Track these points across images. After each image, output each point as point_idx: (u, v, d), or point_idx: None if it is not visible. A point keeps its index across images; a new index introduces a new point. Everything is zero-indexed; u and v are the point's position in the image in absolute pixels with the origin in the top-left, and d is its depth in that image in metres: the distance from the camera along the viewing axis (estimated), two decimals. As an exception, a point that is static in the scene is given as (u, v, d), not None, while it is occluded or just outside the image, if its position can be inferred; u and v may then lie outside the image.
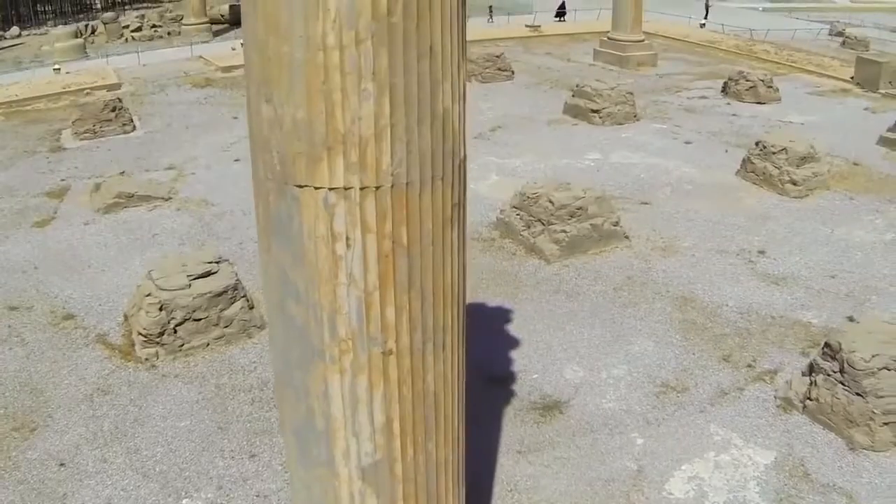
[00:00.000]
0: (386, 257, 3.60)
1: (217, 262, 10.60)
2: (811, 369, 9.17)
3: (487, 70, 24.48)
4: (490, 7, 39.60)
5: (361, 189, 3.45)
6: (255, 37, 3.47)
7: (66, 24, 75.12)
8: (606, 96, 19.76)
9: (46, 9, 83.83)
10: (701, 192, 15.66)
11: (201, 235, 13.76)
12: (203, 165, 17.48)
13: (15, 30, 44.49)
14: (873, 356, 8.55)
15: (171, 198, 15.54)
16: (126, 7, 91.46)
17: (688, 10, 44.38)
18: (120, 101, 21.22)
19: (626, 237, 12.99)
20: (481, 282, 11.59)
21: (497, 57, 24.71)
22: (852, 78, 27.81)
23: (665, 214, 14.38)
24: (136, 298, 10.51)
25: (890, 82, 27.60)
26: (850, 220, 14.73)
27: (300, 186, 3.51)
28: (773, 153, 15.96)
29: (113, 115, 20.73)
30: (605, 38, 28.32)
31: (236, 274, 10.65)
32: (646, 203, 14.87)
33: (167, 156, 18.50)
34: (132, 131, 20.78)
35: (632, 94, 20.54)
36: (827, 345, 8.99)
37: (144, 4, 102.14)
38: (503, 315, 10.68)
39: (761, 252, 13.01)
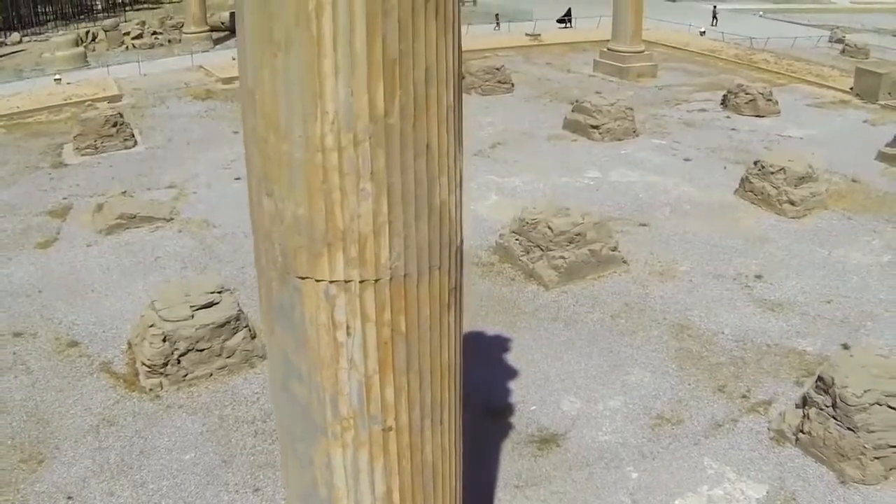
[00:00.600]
0: (385, 344, 3.78)
1: (219, 292, 10.79)
2: (804, 402, 9.35)
3: (487, 83, 24.67)
4: (497, 15, 39.88)
5: (361, 282, 3.62)
6: (255, 132, 3.65)
7: (66, 25, 75.44)
8: (606, 112, 19.94)
9: (47, 10, 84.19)
10: (699, 213, 15.84)
11: (203, 258, 13.95)
12: (204, 184, 17.67)
13: (15, 36, 44.70)
14: (865, 391, 8.73)
15: (172, 218, 15.74)
16: (127, 8, 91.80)
17: (688, 17, 44.54)
18: (121, 115, 21.41)
19: (625, 261, 13.17)
20: (481, 309, 11.77)
21: (497, 69, 24.90)
22: (851, 89, 27.97)
23: (663, 237, 14.55)
24: (140, 328, 10.70)
25: (889, 93, 27.76)
26: (847, 241, 14.90)
27: (302, 278, 3.69)
28: (772, 173, 16.13)
29: (114, 130, 20.94)
30: (605, 49, 28.50)
31: (238, 304, 10.83)
32: (644, 225, 15.04)
33: (168, 173, 18.70)
34: (133, 146, 20.99)
35: (631, 109, 20.71)
36: (820, 378, 9.17)
37: (145, 6, 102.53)
38: (502, 344, 10.86)
39: (758, 276, 13.18)
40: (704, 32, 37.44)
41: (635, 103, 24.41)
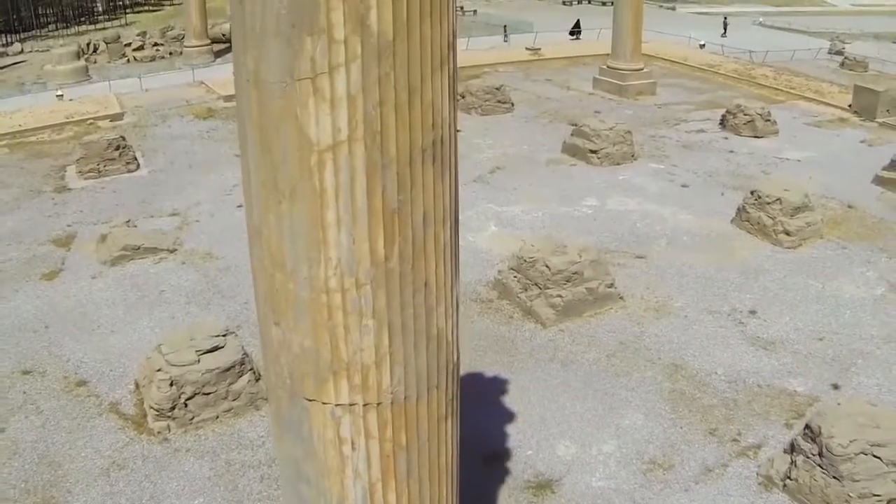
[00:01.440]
0: (387, 456, 4.15)
1: (224, 335, 11.17)
2: (792, 448, 9.71)
3: (487, 103, 25.03)
4: (505, 27, 40.18)
5: (364, 405, 4.00)
6: (263, 267, 4.02)
7: (67, 27, 75.92)
8: (604, 136, 20.30)
9: (48, 12, 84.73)
10: (696, 244, 16.21)
11: (207, 293, 14.33)
12: (206, 212, 18.05)
13: (17, 46, 45.08)
14: (851, 441, 9.09)
15: (175, 249, 16.11)
16: (127, 10, 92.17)
17: (689, 27, 44.87)
18: (123, 139, 21.76)
19: (621, 297, 13.54)
20: (479, 348, 12.15)
21: (497, 89, 25.25)
22: (850, 106, 28.34)
23: (659, 270, 14.92)
24: (147, 370, 11.07)
25: (887, 111, 28.10)
26: (841, 272, 15.25)
27: (309, 399, 4.06)
28: (768, 203, 16.48)
29: (117, 153, 21.32)
30: (605, 67, 28.86)
31: (242, 347, 11.20)
32: (641, 257, 15.41)
33: (171, 199, 19.08)
34: (136, 170, 21.37)
35: (629, 133, 21.06)
36: (808, 426, 9.54)
37: (145, 8, 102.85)
38: (499, 386, 11.24)
39: (752, 312, 13.55)
40: (704, 45, 37.78)
41: (634, 123, 24.81)
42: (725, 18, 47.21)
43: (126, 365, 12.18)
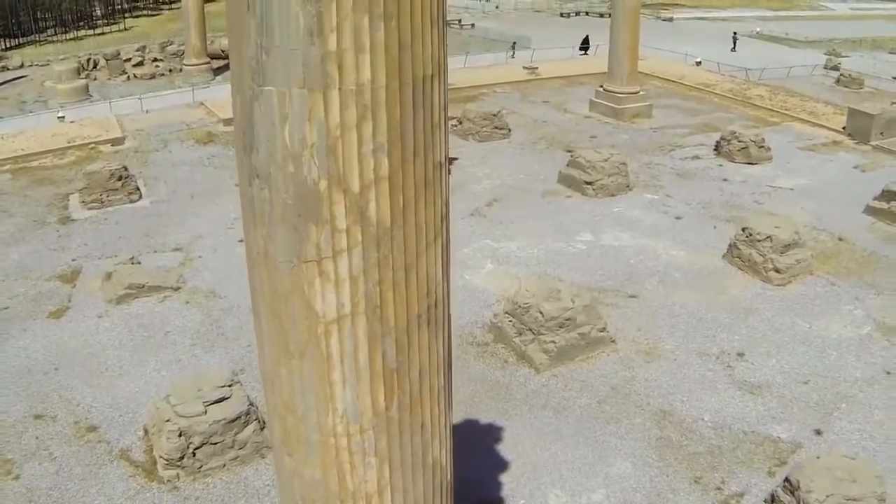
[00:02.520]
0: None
1: (230, 385, 11.73)
2: (773, 499, 10.29)
3: (484, 129, 25.58)
4: (514, 44, 40.68)
5: (369, 528, 4.57)
6: (276, 409, 4.57)
7: (66, 31, 76.30)
8: (600, 168, 20.86)
9: (46, 16, 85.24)
10: (688, 281, 16.77)
11: (211, 335, 14.88)
12: (209, 247, 18.60)
13: (17, 59, 45.56)
14: (827, 496, 9.66)
15: (180, 287, 16.66)
16: (126, 15, 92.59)
17: (686, 42, 45.41)
18: (126, 169, 22.28)
19: (613, 341, 14.10)
20: (475, 395, 12.71)
21: (494, 115, 25.80)
22: (844, 128, 28.92)
23: (651, 310, 15.48)
24: (156, 419, 11.63)
25: (881, 133, 28.72)
26: (829, 310, 15.82)
27: (321, 520, 4.63)
28: (759, 241, 17.03)
29: (119, 184, 21.86)
30: (601, 89, 29.41)
31: (248, 397, 11.76)
32: (633, 296, 15.98)
33: (173, 233, 19.61)
34: (138, 200, 21.91)
35: (625, 164, 21.61)
36: (787, 480, 10.12)
37: (144, 12, 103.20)
38: (494, 433, 11.79)
39: (740, 354, 14.12)
40: (700, 62, 38.34)
41: (629, 149, 25.40)
42: (735, 34, 47.67)
43: (135, 410, 12.73)
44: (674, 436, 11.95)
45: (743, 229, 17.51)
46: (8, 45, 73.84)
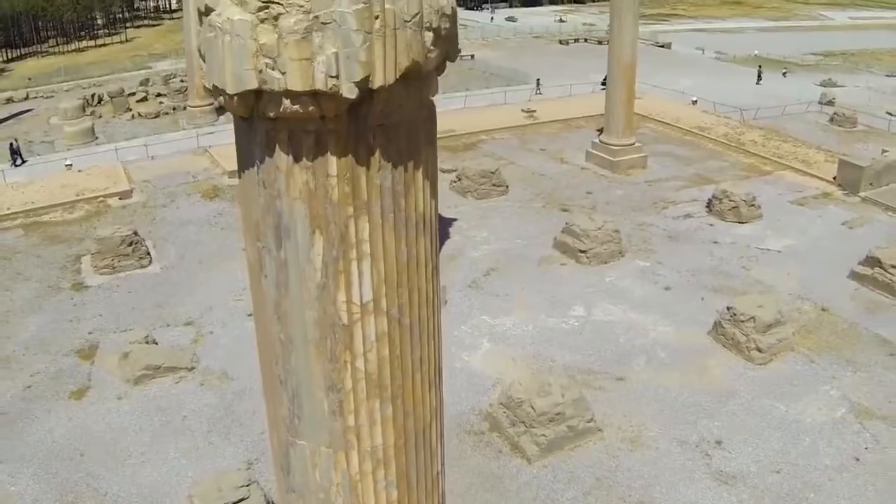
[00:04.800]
0: None
1: (247, 485, 13.12)
2: None
3: (483, 186, 26.95)
4: (538, 80, 42.03)
5: None
6: None
7: (67, 42, 77.42)
8: (593, 237, 22.22)
9: (48, 25, 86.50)
10: (673, 360, 18.13)
11: (226, 420, 16.25)
12: (219, 321, 19.97)
13: (22, 92, 46.91)
14: None
15: (193, 367, 18.04)
16: (127, 25, 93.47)
17: (680, 74, 46.82)
18: (136, 234, 23.63)
19: (599, 430, 15.46)
20: (471, 487, 14.08)
21: (492, 173, 27.15)
22: (835, 178, 30.30)
23: (637, 394, 16.84)
24: (179, 518, 13.03)
25: (871, 184, 30.10)
26: (806, 391, 17.16)
27: None
28: (742, 321, 18.39)
29: (130, 249, 23.23)
30: (598, 141, 30.79)
31: (265, 496, 13.15)
32: (621, 379, 17.34)
33: (184, 303, 20.98)
34: (149, 265, 23.29)
35: (618, 231, 22.98)
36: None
37: (145, 23, 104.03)
38: (489, 530, 13.19)
39: (718, 442, 15.47)
40: (696, 101, 39.72)
41: (624, 207, 26.80)
42: (760, 67, 49.14)
43: (159, 501, 14.12)
44: (653, 531, 13.33)
45: (728, 308, 18.86)
46: (10, 57, 75.54)
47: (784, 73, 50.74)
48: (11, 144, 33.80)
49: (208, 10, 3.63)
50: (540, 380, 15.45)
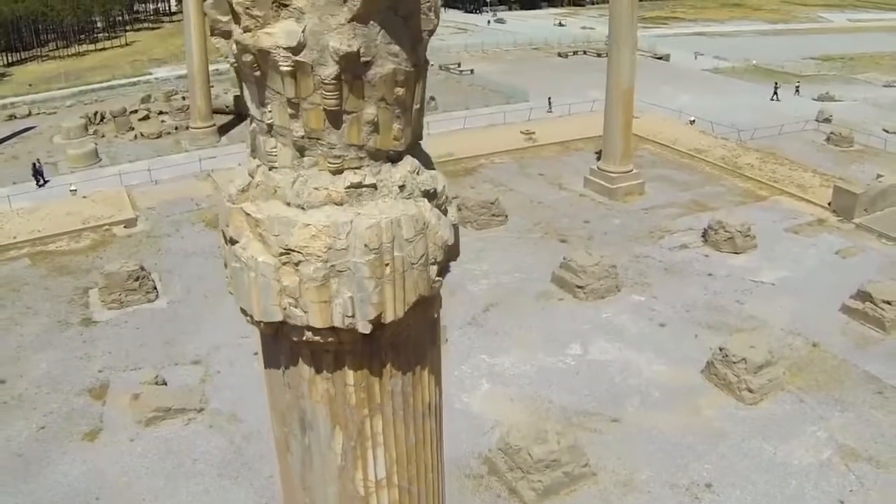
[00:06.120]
0: None
1: (256, 536, 13.91)
2: None
3: (482, 217, 27.68)
4: (549, 98, 42.83)
5: None
6: None
7: (67, 46, 78.30)
8: (591, 273, 22.96)
9: (48, 30, 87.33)
10: (666, 401, 18.87)
11: (235, 463, 17.00)
12: (226, 360, 20.72)
13: (24, 108, 47.64)
14: None
15: (202, 408, 18.79)
16: (127, 28, 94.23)
17: (679, 90, 47.44)
18: (142, 269, 24.34)
19: (594, 474, 16.23)
20: (470, 535, 14.90)
21: (491, 203, 27.87)
22: (829, 204, 31.01)
23: (630, 436, 17.58)
24: (192, 568, 13.82)
25: (865, 210, 30.83)
26: (794, 432, 17.91)
27: None
28: (734, 363, 19.14)
29: (137, 284, 23.97)
30: (596, 168, 31.52)
31: (272, 547, 13.94)
32: (615, 420, 18.09)
33: (191, 340, 21.73)
34: (155, 299, 24.03)
35: (614, 266, 23.73)
36: None
37: (145, 26, 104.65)
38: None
39: (708, 485, 16.22)
40: (694, 121, 40.45)
41: (621, 237, 27.55)
42: (776, 84, 49.92)
43: (171, 547, 14.92)
44: (644, 578, 14.10)
45: (720, 349, 19.61)
46: (10, 61, 76.32)
47: (797, 88, 51.30)
48: (34, 165, 34.92)
49: (233, 241, 4.38)
50: (537, 426, 16.21)
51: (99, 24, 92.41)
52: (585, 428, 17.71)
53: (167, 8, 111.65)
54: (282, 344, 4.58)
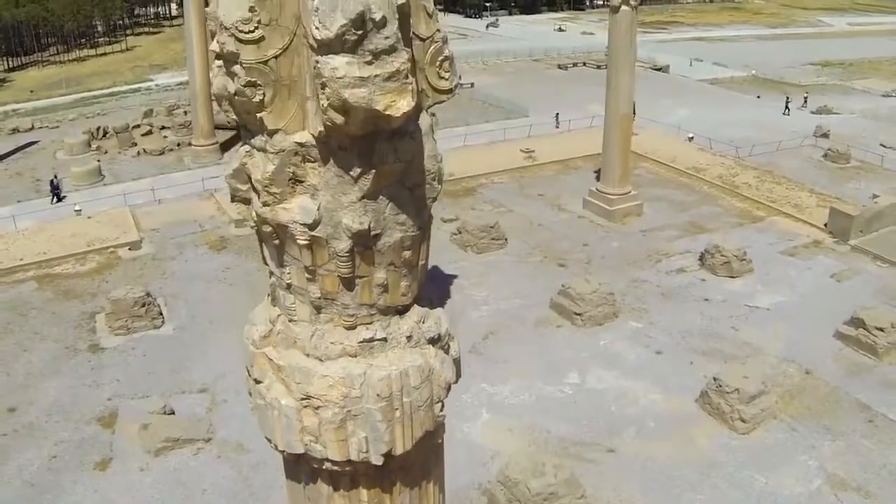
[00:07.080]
0: None
1: (264, 571, 14.57)
2: None
3: (482, 240, 28.30)
4: (557, 114, 43.45)
5: None
6: None
7: (68, 51, 79.05)
8: (588, 300, 23.60)
9: (48, 34, 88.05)
10: (661, 430, 19.51)
11: (243, 494, 17.64)
12: (232, 389, 21.35)
13: (27, 121, 48.27)
14: None
15: (210, 438, 19.44)
16: (127, 32, 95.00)
17: (677, 104, 48.02)
18: (149, 295, 24.97)
19: (591, 507, 16.92)
20: (471, 568, 15.55)
21: (491, 227, 28.50)
22: (826, 225, 31.64)
23: (626, 466, 18.22)
24: None
25: (861, 231, 31.47)
26: (785, 461, 18.56)
27: None
28: (728, 393, 19.79)
29: (143, 310, 24.63)
30: (595, 189, 32.15)
31: (279, 582, 14.59)
32: (611, 451, 18.74)
33: (197, 368, 22.37)
34: (161, 325, 24.67)
35: (612, 294, 24.37)
36: None
37: (145, 30, 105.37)
38: None
39: (701, 518, 16.94)
40: (692, 138, 41.07)
41: (618, 261, 28.20)
42: (788, 97, 50.50)
43: (182, 580, 15.58)
44: None
45: (714, 379, 20.26)
46: (11, 66, 77.02)
47: (805, 99, 51.79)
48: (52, 181, 35.69)
49: (257, 381, 5.04)
50: (535, 459, 16.86)
51: (99, 29, 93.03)
52: (582, 458, 18.35)
53: (167, 12, 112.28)
54: (303, 466, 5.24)
